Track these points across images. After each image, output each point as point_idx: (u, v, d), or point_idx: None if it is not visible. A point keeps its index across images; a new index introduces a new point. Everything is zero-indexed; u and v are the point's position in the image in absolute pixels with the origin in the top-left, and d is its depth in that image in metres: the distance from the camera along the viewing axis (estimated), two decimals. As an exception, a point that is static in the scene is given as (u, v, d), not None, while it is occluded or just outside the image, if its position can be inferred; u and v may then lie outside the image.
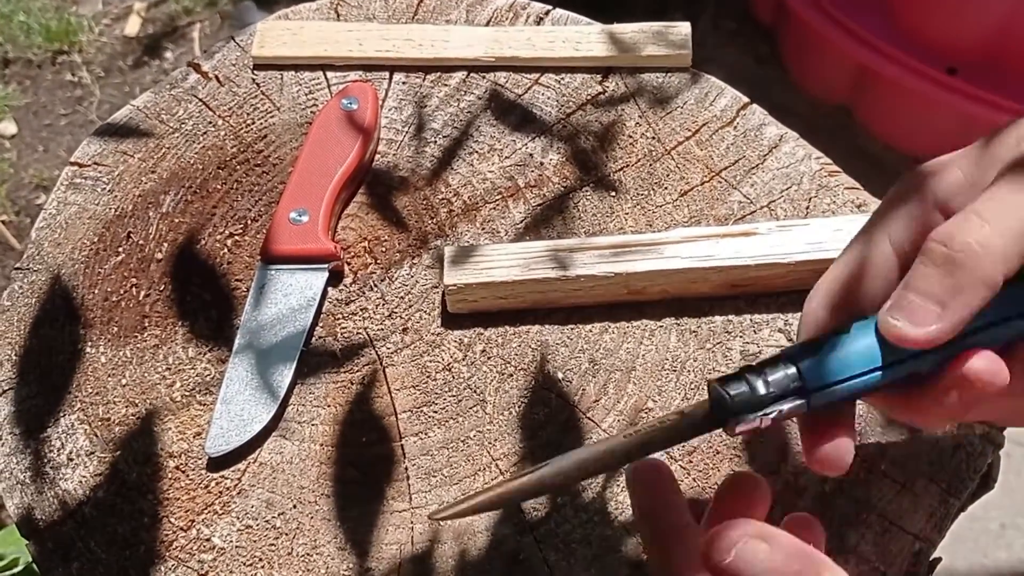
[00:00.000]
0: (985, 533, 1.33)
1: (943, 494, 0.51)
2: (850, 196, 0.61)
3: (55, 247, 0.62)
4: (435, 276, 0.60)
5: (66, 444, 0.55)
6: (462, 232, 0.61)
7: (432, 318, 0.58)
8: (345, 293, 0.60)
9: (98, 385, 0.57)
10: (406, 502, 0.52)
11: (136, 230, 0.62)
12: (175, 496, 0.53)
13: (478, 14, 0.70)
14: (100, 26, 1.80)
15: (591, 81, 0.67)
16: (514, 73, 0.68)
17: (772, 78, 1.70)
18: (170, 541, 0.52)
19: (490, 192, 0.63)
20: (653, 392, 0.55)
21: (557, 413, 0.55)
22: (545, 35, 0.68)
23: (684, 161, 0.63)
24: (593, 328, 0.57)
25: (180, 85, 0.69)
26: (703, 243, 0.57)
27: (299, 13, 0.72)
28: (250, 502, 0.53)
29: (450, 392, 0.56)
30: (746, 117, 0.64)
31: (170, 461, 0.54)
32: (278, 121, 0.67)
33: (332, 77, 0.68)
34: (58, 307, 0.60)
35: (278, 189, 0.63)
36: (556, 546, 0.51)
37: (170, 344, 0.58)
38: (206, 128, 0.66)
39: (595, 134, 0.65)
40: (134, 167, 0.65)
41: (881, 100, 1.57)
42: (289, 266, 0.59)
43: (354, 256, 0.61)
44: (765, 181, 0.62)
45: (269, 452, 0.54)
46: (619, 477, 0.52)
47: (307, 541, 0.52)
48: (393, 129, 0.66)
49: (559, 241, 0.58)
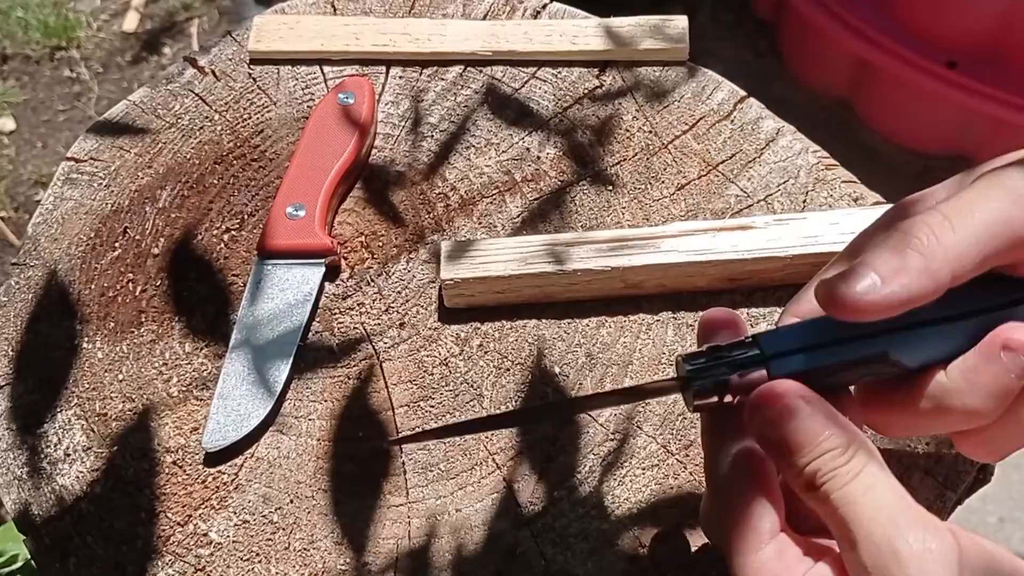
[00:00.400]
0: (983, 526, 1.33)
1: (940, 487, 0.51)
2: (847, 190, 0.61)
3: (51, 242, 0.62)
4: (432, 271, 0.60)
5: (63, 440, 0.55)
6: (459, 227, 0.61)
7: (429, 313, 0.58)
8: (342, 288, 0.60)
9: (95, 380, 0.57)
10: (403, 497, 0.52)
11: (132, 225, 0.62)
12: (172, 491, 0.53)
13: (475, 8, 0.70)
14: (98, 22, 1.80)
15: (588, 75, 0.67)
16: (511, 67, 0.68)
17: (771, 72, 1.70)
18: (167, 536, 0.52)
19: (487, 187, 0.63)
20: (650, 386, 0.55)
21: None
22: (542, 29, 0.67)
23: (681, 155, 0.63)
24: (590, 322, 0.57)
25: (176, 80, 0.68)
26: (700, 237, 0.57)
27: (295, 7, 0.71)
28: (247, 497, 0.53)
29: (447, 387, 0.56)
30: (743, 111, 0.64)
31: (167, 456, 0.54)
32: (274, 116, 0.66)
33: (328, 71, 0.68)
34: (55, 303, 0.60)
35: (275, 184, 0.63)
36: (553, 540, 0.51)
37: (167, 339, 0.58)
38: (202, 123, 0.66)
39: (592, 128, 0.65)
40: (130, 162, 0.65)
41: (880, 94, 1.56)
42: (286, 261, 0.59)
43: (351, 251, 0.61)
44: (762, 175, 0.62)
45: (266, 447, 0.54)
46: (616, 471, 0.52)
47: (304, 536, 0.52)
48: (390, 123, 0.66)
49: (556, 236, 0.58)
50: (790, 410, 0.37)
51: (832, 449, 0.36)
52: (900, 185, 0.44)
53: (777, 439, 0.37)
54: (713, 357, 0.41)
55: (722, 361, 0.40)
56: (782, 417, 0.37)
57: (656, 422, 0.54)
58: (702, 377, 0.40)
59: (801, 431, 0.37)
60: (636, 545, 0.50)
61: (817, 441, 0.36)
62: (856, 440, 0.37)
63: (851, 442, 0.36)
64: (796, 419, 0.37)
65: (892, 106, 1.56)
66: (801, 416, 0.37)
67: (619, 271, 0.56)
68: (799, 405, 0.37)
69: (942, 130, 1.54)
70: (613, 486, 0.52)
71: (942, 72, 1.47)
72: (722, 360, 0.40)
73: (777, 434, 0.37)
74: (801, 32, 1.64)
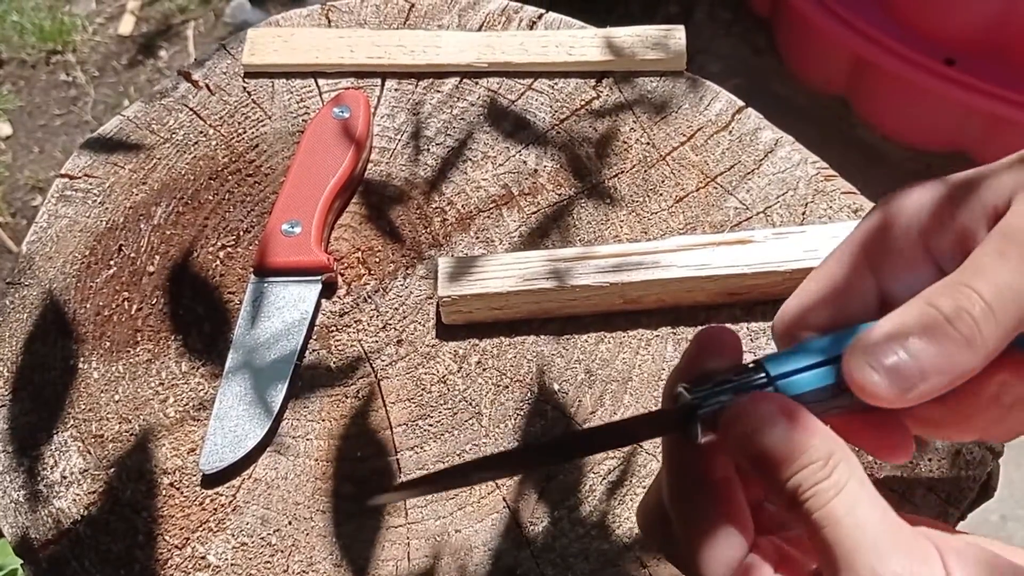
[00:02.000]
0: (985, 524, 1.33)
1: (943, 504, 0.51)
2: (847, 201, 0.60)
3: (46, 261, 0.62)
4: (429, 287, 0.59)
5: (59, 462, 0.55)
6: (456, 242, 0.61)
7: (427, 330, 0.58)
8: (339, 305, 0.59)
9: (91, 401, 0.57)
10: (402, 518, 0.52)
11: (127, 243, 0.62)
12: (170, 513, 0.53)
13: (470, 19, 0.70)
14: (94, 25, 1.79)
15: (585, 86, 0.66)
16: (507, 79, 0.67)
17: (769, 69, 1.70)
18: (165, 559, 0.52)
19: (484, 201, 0.62)
20: (650, 403, 0.55)
21: (554, 425, 0.54)
22: (538, 40, 0.67)
23: (679, 167, 0.63)
24: (589, 338, 0.57)
25: (171, 94, 0.68)
26: (699, 252, 0.56)
27: (289, 20, 0.71)
28: (245, 519, 0.53)
29: (445, 405, 0.55)
30: (741, 121, 0.64)
31: (164, 478, 0.54)
32: (269, 130, 0.66)
33: (323, 84, 0.68)
34: (50, 322, 0.59)
35: (270, 199, 0.63)
36: (554, 561, 0.50)
37: (163, 359, 0.58)
38: (197, 138, 0.66)
39: (589, 140, 0.64)
40: (125, 178, 0.65)
41: (878, 91, 1.56)
42: (282, 279, 0.59)
43: (347, 267, 0.61)
44: (761, 186, 0.61)
45: (264, 468, 0.54)
46: (617, 490, 0.52)
47: (303, 558, 0.51)
48: (386, 137, 0.66)
49: (554, 252, 0.57)
50: (769, 421, 0.36)
51: (813, 462, 0.35)
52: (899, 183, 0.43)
53: (757, 452, 0.36)
54: (718, 382, 0.38)
55: (728, 386, 0.38)
56: (762, 428, 0.36)
57: (655, 440, 0.53)
58: (709, 405, 0.38)
59: (782, 442, 0.35)
60: (637, 566, 0.50)
61: (798, 453, 0.35)
62: (838, 451, 0.35)
63: (832, 453, 0.35)
64: (776, 430, 0.36)
65: (890, 103, 1.56)
66: (780, 427, 0.36)
67: (618, 287, 0.56)
68: (777, 416, 0.36)
69: (940, 127, 1.53)
70: (614, 505, 0.52)
71: (940, 69, 1.47)
72: (728, 385, 0.38)
73: (757, 447, 0.36)
74: (799, 30, 1.63)
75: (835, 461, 0.35)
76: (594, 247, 0.58)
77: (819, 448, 0.35)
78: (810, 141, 0.64)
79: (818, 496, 0.35)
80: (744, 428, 0.36)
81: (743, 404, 0.37)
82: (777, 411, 0.36)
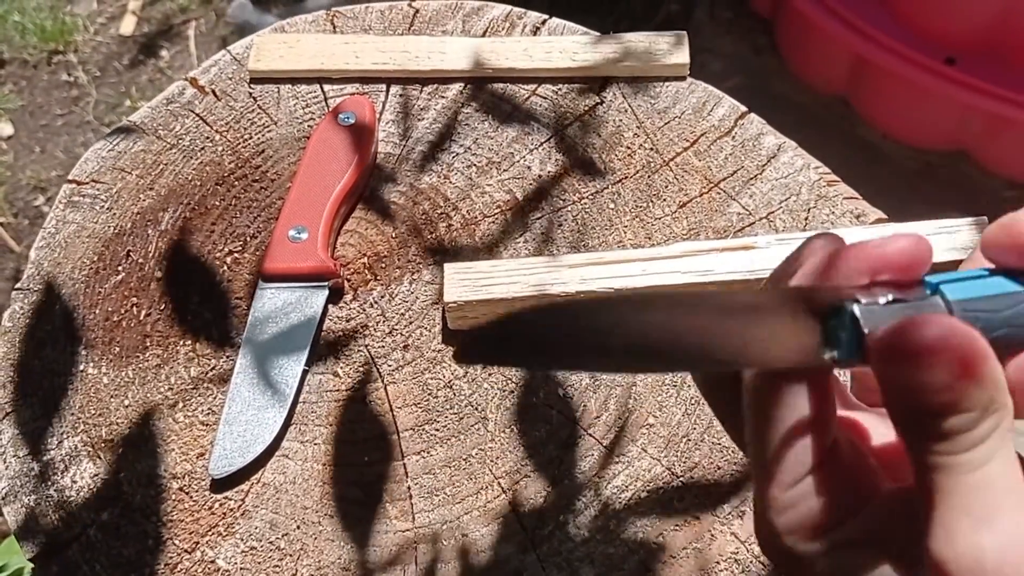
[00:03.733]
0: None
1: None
2: (849, 206, 0.61)
3: (55, 267, 0.62)
4: (435, 292, 0.60)
5: (70, 467, 0.55)
6: (462, 247, 0.61)
7: (433, 335, 0.58)
8: (345, 310, 0.60)
9: (101, 406, 0.57)
10: (409, 522, 0.53)
11: (135, 248, 0.62)
12: (179, 518, 0.54)
13: (474, 25, 0.70)
14: (95, 25, 1.79)
15: (588, 92, 0.67)
16: (511, 84, 0.68)
17: (770, 68, 1.70)
18: (175, 564, 0.52)
19: (489, 206, 0.63)
20: (654, 408, 0.55)
21: (559, 430, 0.55)
22: (542, 45, 0.67)
23: (682, 172, 0.63)
24: (593, 343, 0.57)
25: (177, 100, 0.68)
26: (703, 257, 0.57)
27: (295, 25, 0.71)
28: (254, 523, 0.53)
29: (452, 410, 0.56)
30: (744, 127, 0.64)
31: (174, 483, 0.55)
32: (275, 136, 0.66)
33: (329, 90, 0.68)
34: (59, 328, 0.60)
35: (276, 205, 0.63)
36: (559, 564, 0.51)
37: (172, 364, 0.58)
38: (203, 143, 0.66)
39: (593, 146, 0.65)
40: (132, 184, 0.65)
41: (879, 90, 1.56)
42: (289, 284, 0.59)
43: (354, 272, 0.61)
44: (764, 192, 0.62)
45: (272, 472, 0.55)
46: (622, 494, 0.52)
47: (311, 562, 0.52)
48: (391, 142, 0.66)
49: (558, 257, 0.58)
50: (979, 358, 0.28)
51: (972, 411, 0.29)
52: (899, 181, 0.42)
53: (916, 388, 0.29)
54: (894, 301, 0.30)
55: (904, 304, 0.30)
56: (966, 368, 0.28)
57: (660, 444, 0.54)
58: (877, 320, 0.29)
59: (952, 390, 0.28)
60: (642, 569, 0.51)
61: (963, 405, 0.28)
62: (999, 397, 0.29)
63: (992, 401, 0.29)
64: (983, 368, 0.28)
65: (891, 102, 1.56)
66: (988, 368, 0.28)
67: (622, 293, 0.56)
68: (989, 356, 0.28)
69: (941, 126, 1.54)
70: (618, 509, 0.52)
71: (940, 68, 1.47)
72: (904, 303, 0.30)
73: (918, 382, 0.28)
74: (800, 29, 1.63)
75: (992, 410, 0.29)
76: (598, 253, 0.58)
77: (979, 397, 0.29)
78: (811, 140, 0.65)
79: (957, 442, 0.29)
80: (939, 361, 0.28)
81: (926, 327, 0.29)
82: (984, 349, 0.29)
